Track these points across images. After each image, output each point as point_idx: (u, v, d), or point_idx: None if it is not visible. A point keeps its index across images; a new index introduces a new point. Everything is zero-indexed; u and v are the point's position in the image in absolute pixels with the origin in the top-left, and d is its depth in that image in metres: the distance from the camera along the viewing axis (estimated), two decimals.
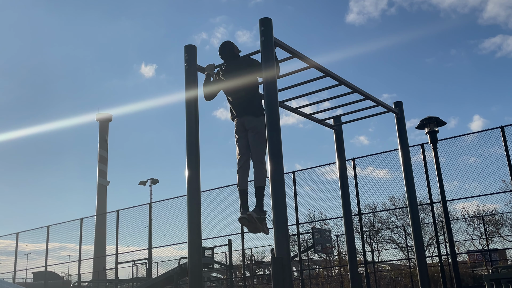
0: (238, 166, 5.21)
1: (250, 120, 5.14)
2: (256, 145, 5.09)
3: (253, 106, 5.17)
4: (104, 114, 61.87)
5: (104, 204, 55.63)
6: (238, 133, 5.24)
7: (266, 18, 4.80)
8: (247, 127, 5.17)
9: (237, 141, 5.26)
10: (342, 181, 7.30)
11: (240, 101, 5.23)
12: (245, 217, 4.94)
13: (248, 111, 5.16)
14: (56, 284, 22.06)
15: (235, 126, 5.28)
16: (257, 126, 5.10)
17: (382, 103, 6.70)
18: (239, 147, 5.23)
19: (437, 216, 16.47)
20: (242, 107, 5.20)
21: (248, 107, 5.17)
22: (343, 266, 19.99)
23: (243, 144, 5.21)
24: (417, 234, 6.95)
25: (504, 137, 12.44)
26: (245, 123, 5.17)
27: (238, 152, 5.24)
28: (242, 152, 5.21)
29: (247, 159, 5.20)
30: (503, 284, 7.84)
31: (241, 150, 5.21)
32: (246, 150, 5.20)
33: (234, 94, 5.26)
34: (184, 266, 14.42)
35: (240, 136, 5.23)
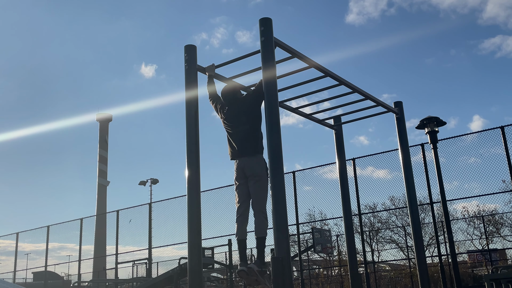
0: (237, 214, 5.02)
1: (250, 166, 4.95)
2: (257, 194, 4.91)
3: (254, 143, 4.99)
4: (104, 114, 61.89)
5: (104, 204, 55.64)
6: (238, 180, 5.05)
7: (266, 18, 4.80)
8: (247, 174, 4.97)
9: (236, 188, 5.08)
10: (342, 181, 7.30)
11: (240, 135, 5.04)
12: (244, 270, 4.75)
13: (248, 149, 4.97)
14: (56, 284, 22.06)
15: (235, 172, 5.07)
16: (258, 173, 4.92)
17: (382, 103, 6.70)
18: (239, 195, 5.04)
19: (437, 216, 16.48)
20: (242, 142, 5.01)
21: (248, 143, 4.98)
22: (343, 266, 20.00)
23: (243, 192, 5.02)
24: (417, 234, 6.95)
25: (504, 137, 12.44)
26: (245, 170, 4.98)
27: (238, 200, 5.04)
28: (242, 200, 5.02)
29: (246, 208, 5.01)
30: (503, 284, 7.84)
31: (241, 198, 5.02)
32: (246, 198, 5.01)
33: (235, 128, 5.08)
34: (184, 266, 14.42)
35: (240, 183, 5.03)
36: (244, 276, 4.80)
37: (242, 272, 4.77)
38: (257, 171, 4.93)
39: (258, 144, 5.00)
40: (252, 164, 4.96)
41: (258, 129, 5.06)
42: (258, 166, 4.95)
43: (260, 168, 4.93)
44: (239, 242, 4.99)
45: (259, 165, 4.95)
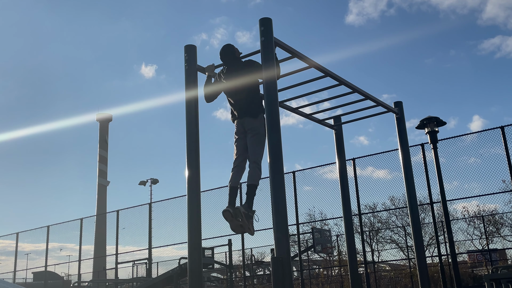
0: (233, 165, 5.19)
1: (250, 121, 5.13)
2: (254, 146, 5.07)
3: (253, 107, 5.16)
4: (104, 114, 61.89)
5: (104, 204, 55.63)
6: (237, 134, 5.24)
7: (266, 18, 4.80)
8: (247, 128, 5.16)
9: (235, 142, 5.26)
10: (342, 181, 7.30)
11: (240, 103, 5.21)
12: (229, 210, 4.85)
13: (248, 112, 5.15)
14: (56, 284, 22.05)
15: (235, 127, 5.27)
16: (257, 128, 5.09)
17: (382, 103, 6.70)
18: (237, 148, 5.22)
19: (437, 216, 16.48)
20: (243, 108, 5.19)
21: (248, 108, 5.16)
22: (343, 266, 20.00)
23: (241, 145, 5.20)
24: (417, 234, 6.95)
25: (504, 137, 12.44)
26: (245, 124, 5.16)
27: (236, 152, 5.23)
28: (240, 153, 5.19)
29: (243, 160, 5.18)
30: (503, 284, 7.84)
31: (239, 151, 5.20)
32: (244, 151, 5.18)
33: (235, 96, 5.25)
34: (184, 266, 14.42)
35: (239, 137, 5.22)
36: (229, 217, 4.87)
37: (227, 213, 4.86)
38: (256, 126, 5.10)
39: (258, 108, 5.16)
40: (252, 120, 5.13)
41: (256, 93, 5.23)
42: (257, 122, 5.11)
43: (259, 124, 5.09)
44: (231, 188, 5.11)
45: (259, 122, 5.11)
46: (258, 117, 5.13)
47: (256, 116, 5.13)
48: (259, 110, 5.17)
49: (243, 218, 4.85)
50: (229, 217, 4.89)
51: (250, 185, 4.99)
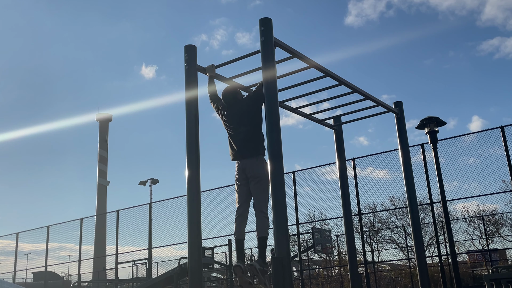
0: (236, 215, 5.02)
1: (251, 167, 4.94)
2: (258, 194, 4.90)
3: (255, 144, 4.98)
4: (104, 114, 61.88)
5: (104, 204, 55.63)
6: (239, 181, 5.04)
7: (266, 18, 4.80)
8: (249, 175, 4.96)
9: (237, 188, 5.07)
10: (342, 181, 7.30)
11: (241, 137, 5.03)
12: (240, 266, 4.71)
13: (248, 152, 4.97)
14: (56, 284, 22.04)
15: (236, 173, 5.07)
16: (259, 174, 4.90)
17: (382, 103, 6.70)
18: (239, 196, 5.04)
19: (437, 216, 16.47)
20: (244, 143, 5.01)
21: (249, 144, 4.98)
22: (343, 266, 20.00)
23: (244, 192, 5.02)
24: (417, 234, 6.95)
25: (504, 137, 12.44)
26: (246, 171, 4.96)
27: (238, 200, 5.05)
28: (242, 201, 5.02)
29: (246, 209, 5.02)
30: (503, 284, 7.84)
31: (241, 199, 5.03)
32: (247, 199, 5.02)
33: (236, 129, 5.08)
34: (184, 266, 14.42)
35: (241, 183, 5.03)
36: (239, 273, 4.75)
37: (238, 268, 4.73)
38: (258, 172, 4.91)
39: (259, 146, 4.99)
40: (253, 165, 4.95)
41: (259, 131, 5.05)
42: (259, 167, 4.93)
43: (261, 169, 4.91)
44: (237, 242, 4.98)
45: (260, 166, 4.93)
46: (258, 159, 4.94)
47: (256, 156, 4.94)
48: (260, 149, 4.98)
49: (259, 274, 4.72)
50: (239, 273, 4.74)
51: (260, 238, 4.80)
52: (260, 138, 5.03)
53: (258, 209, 4.89)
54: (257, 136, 5.02)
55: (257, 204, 4.91)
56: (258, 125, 5.05)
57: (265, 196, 4.87)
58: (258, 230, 4.83)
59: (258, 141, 5.00)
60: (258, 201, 4.90)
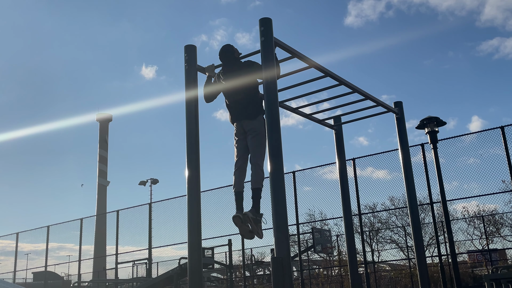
0: (235, 168, 5.16)
1: (249, 123, 5.09)
2: (255, 147, 5.03)
3: (252, 108, 5.10)
4: (104, 114, 61.87)
5: (104, 204, 55.61)
6: (237, 136, 5.19)
7: (266, 18, 4.80)
8: (246, 129, 5.11)
9: (236, 143, 5.22)
10: (342, 181, 7.30)
11: (238, 104, 5.16)
12: (239, 216, 4.87)
13: (246, 114, 5.11)
14: (56, 284, 22.05)
15: (235, 129, 5.23)
16: (257, 128, 5.05)
17: (382, 103, 6.70)
18: (238, 149, 5.18)
19: (437, 216, 16.47)
20: (241, 110, 5.14)
21: (246, 109, 5.11)
22: (343, 266, 19.99)
23: (242, 147, 5.16)
24: (417, 234, 6.95)
25: (504, 137, 12.44)
26: (244, 126, 5.13)
27: (236, 154, 5.19)
28: (240, 154, 5.16)
29: (244, 162, 5.15)
30: (503, 284, 7.85)
31: (239, 152, 5.16)
32: (244, 152, 5.15)
33: (233, 97, 5.20)
34: (184, 266, 14.42)
35: (239, 138, 5.18)
36: (238, 222, 4.89)
37: (237, 218, 4.87)
38: (255, 127, 5.06)
39: (257, 108, 5.12)
40: (252, 121, 5.09)
41: (256, 94, 5.19)
42: (257, 122, 5.07)
43: (259, 124, 5.06)
44: (236, 193, 5.10)
45: (259, 122, 5.07)
46: (257, 119, 5.09)
47: (254, 118, 5.08)
48: (258, 111, 5.12)
49: (252, 223, 4.84)
50: (239, 223, 4.88)
51: (254, 189, 4.96)
52: (258, 101, 5.16)
53: (254, 162, 5.03)
54: (255, 100, 5.14)
55: (253, 157, 5.04)
56: (254, 90, 5.18)
57: (261, 150, 5.00)
58: (253, 182, 4.98)
59: (256, 105, 5.13)
60: (254, 154, 5.04)
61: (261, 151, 5.01)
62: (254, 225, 4.86)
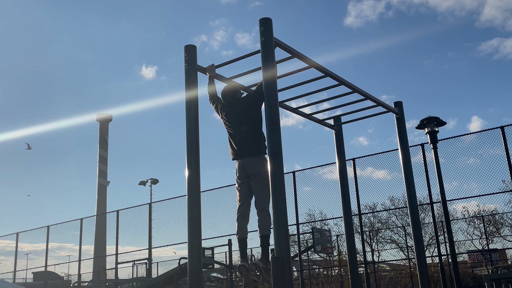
0: (238, 213, 5.04)
1: (252, 165, 4.96)
2: (259, 192, 4.92)
3: (255, 143, 4.99)
4: (104, 114, 61.88)
5: (104, 204, 55.62)
6: (240, 179, 5.07)
7: (266, 18, 4.80)
8: (249, 173, 4.98)
9: (238, 187, 5.10)
10: (342, 181, 7.29)
11: (241, 135, 5.05)
12: (245, 266, 4.77)
13: (248, 150, 4.99)
14: (56, 284, 22.05)
15: (237, 171, 5.09)
16: (260, 172, 4.92)
17: (382, 103, 6.70)
18: (240, 194, 5.07)
19: (437, 216, 16.48)
20: (243, 143, 5.02)
21: (249, 143, 4.99)
22: (343, 266, 19.99)
23: (245, 191, 5.05)
24: (417, 234, 6.95)
25: (504, 137, 12.45)
26: (247, 169, 4.99)
27: (239, 199, 5.07)
28: (243, 199, 5.05)
29: (247, 207, 5.05)
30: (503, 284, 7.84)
31: (242, 197, 5.05)
32: (248, 197, 5.05)
33: (237, 128, 5.09)
34: (184, 266, 14.42)
35: (242, 182, 5.06)
36: (244, 272, 4.79)
37: (243, 268, 4.77)
38: (259, 170, 4.94)
39: (260, 145, 5.00)
40: (254, 163, 4.97)
41: (259, 130, 5.06)
42: (259, 165, 4.95)
43: (262, 166, 4.93)
44: (240, 240, 5.00)
45: (261, 164, 4.95)
46: (259, 157, 4.96)
47: (256, 154, 4.97)
48: (261, 148, 4.98)
49: (262, 272, 4.76)
50: (244, 272, 4.79)
51: (263, 236, 4.84)
52: (260, 136, 5.04)
53: (259, 207, 4.91)
54: (257, 135, 5.03)
55: (259, 202, 4.92)
56: (258, 124, 5.06)
57: (266, 194, 4.87)
58: (260, 229, 4.85)
59: (258, 140, 5.01)
60: (260, 199, 4.91)
61: (266, 196, 4.88)
62: (264, 274, 4.76)
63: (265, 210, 4.88)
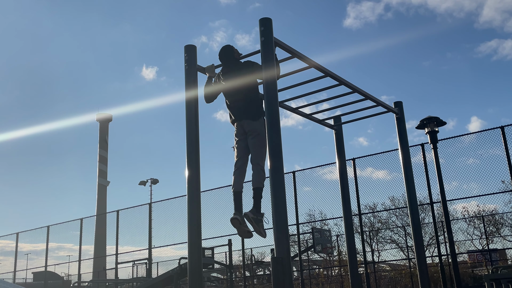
0: (234, 168, 5.16)
1: (249, 123, 5.09)
2: (255, 148, 5.04)
3: (252, 109, 5.11)
4: (104, 114, 61.89)
5: (104, 204, 55.63)
6: (237, 136, 5.19)
7: (266, 18, 4.80)
8: (247, 130, 5.11)
9: (236, 144, 5.22)
10: (342, 181, 7.30)
11: (239, 104, 5.16)
12: (237, 218, 4.86)
13: (246, 115, 5.11)
14: (56, 284, 22.05)
15: (235, 129, 5.22)
16: (257, 129, 5.06)
17: (382, 103, 6.70)
18: (238, 150, 5.18)
19: (437, 216, 16.47)
20: (241, 110, 5.14)
21: (246, 110, 5.11)
22: (343, 266, 19.99)
23: (242, 147, 5.16)
24: (417, 234, 6.95)
25: (504, 137, 12.44)
26: (245, 126, 5.13)
27: (236, 154, 5.19)
28: (240, 155, 5.16)
29: (244, 162, 5.16)
30: (503, 284, 7.84)
31: (240, 153, 5.16)
32: (245, 153, 5.16)
33: (233, 97, 5.20)
34: (184, 266, 14.42)
35: (239, 138, 5.18)
36: (237, 224, 4.89)
37: (235, 220, 4.88)
38: (256, 127, 5.06)
39: (257, 109, 5.13)
40: (252, 122, 5.10)
41: (256, 95, 5.18)
42: (257, 123, 5.08)
43: (259, 125, 5.06)
44: (235, 193, 5.10)
45: (259, 123, 5.08)
46: (258, 120, 5.09)
47: (255, 118, 5.09)
48: (258, 112, 5.12)
49: (253, 223, 4.84)
50: (237, 224, 4.89)
51: (255, 188, 4.97)
52: (258, 102, 5.16)
53: (254, 162, 5.04)
54: (255, 101, 5.14)
55: (254, 157, 5.05)
56: (255, 91, 5.18)
57: (262, 150, 5.01)
58: (254, 181, 4.98)
59: (256, 105, 5.13)
60: (255, 155, 5.05)
61: (262, 152, 5.01)
62: (255, 225, 4.86)
63: (260, 165, 5.01)
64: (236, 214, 4.93)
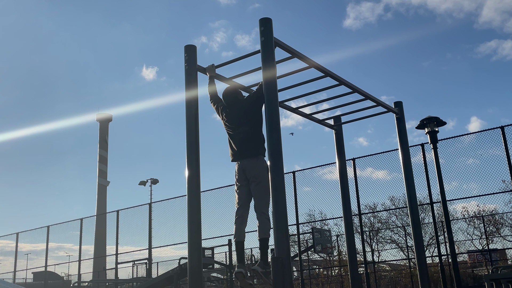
0: (236, 216, 5.01)
1: (251, 168, 4.93)
2: (259, 196, 4.89)
3: (254, 145, 4.96)
4: (104, 114, 61.89)
5: (104, 204, 55.62)
6: (239, 182, 5.04)
7: (266, 18, 4.80)
8: (249, 176, 4.96)
9: (237, 189, 5.07)
10: (342, 181, 7.29)
11: (241, 136, 5.02)
12: (242, 272, 4.73)
13: (247, 151, 4.97)
14: (56, 284, 22.05)
15: (236, 173, 5.07)
16: (259, 175, 4.90)
17: (382, 103, 6.70)
18: (239, 196, 5.03)
19: (437, 216, 16.47)
20: (243, 144, 5.00)
21: (248, 144, 4.97)
22: (343, 266, 19.99)
23: (244, 193, 5.01)
24: (417, 234, 6.95)
25: (504, 137, 12.44)
26: (246, 172, 4.96)
27: (238, 201, 5.04)
28: (242, 202, 5.01)
29: (246, 210, 5.02)
30: (503, 284, 7.84)
31: (241, 200, 5.02)
32: (246, 200, 5.02)
33: (237, 128, 5.06)
34: (184, 266, 14.41)
35: (241, 184, 5.02)
36: (240, 277, 4.76)
37: (240, 274, 4.74)
38: (258, 173, 4.91)
39: (259, 146, 4.98)
40: (253, 166, 4.94)
41: (259, 131, 5.04)
42: (259, 168, 4.92)
43: (261, 170, 4.91)
44: (237, 243, 4.97)
45: (260, 166, 4.92)
46: (258, 159, 4.94)
47: (255, 156, 4.94)
48: (260, 150, 4.96)
49: (262, 277, 4.74)
50: (241, 277, 4.76)
51: (262, 239, 4.81)
52: (260, 138, 5.01)
53: (259, 210, 4.87)
54: (257, 136, 5.00)
55: (258, 205, 4.89)
56: (258, 125, 5.03)
57: (266, 197, 4.85)
58: (260, 232, 4.82)
59: (258, 141, 4.99)
60: (259, 202, 4.88)
61: (266, 199, 4.86)
62: (265, 279, 4.73)
63: (265, 214, 4.85)
64: (240, 267, 4.79)
